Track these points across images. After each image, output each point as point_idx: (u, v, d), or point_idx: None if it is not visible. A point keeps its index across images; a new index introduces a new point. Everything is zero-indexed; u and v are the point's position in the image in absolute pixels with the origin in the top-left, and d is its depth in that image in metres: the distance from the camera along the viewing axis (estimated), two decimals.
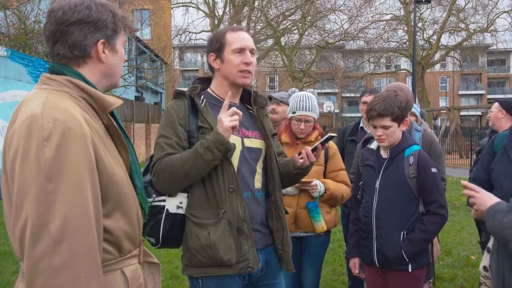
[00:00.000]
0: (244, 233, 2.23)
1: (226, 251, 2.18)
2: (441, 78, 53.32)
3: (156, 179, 2.19)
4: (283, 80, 37.24)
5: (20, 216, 1.30)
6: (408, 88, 3.39)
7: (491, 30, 31.26)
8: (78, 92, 1.48)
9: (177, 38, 31.41)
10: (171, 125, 2.24)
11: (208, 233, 2.18)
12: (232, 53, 2.27)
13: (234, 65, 2.27)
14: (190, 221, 2.22)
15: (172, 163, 2.15)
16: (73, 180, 1.32)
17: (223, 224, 2.20)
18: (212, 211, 2.20)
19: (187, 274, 2.27)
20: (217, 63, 2.32)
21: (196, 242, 2.19)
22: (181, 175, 2.14)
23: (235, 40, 2.28)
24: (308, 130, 3.35)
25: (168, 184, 2.19)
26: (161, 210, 2.20)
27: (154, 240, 2.25)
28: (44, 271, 1.27)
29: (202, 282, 2.23)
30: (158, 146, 2.24)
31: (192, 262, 2.22)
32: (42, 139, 1.31)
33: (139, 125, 20.18)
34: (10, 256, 5.73)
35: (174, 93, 2.35)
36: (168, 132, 2.23)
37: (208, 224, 2.19)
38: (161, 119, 2.32)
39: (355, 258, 3.03)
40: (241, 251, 2.22)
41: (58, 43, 1.50)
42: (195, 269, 2.23)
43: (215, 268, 2.20)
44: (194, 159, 2.12)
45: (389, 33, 31.53)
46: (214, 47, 2.31)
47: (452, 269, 5.50)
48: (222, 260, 2.17)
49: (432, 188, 2.75)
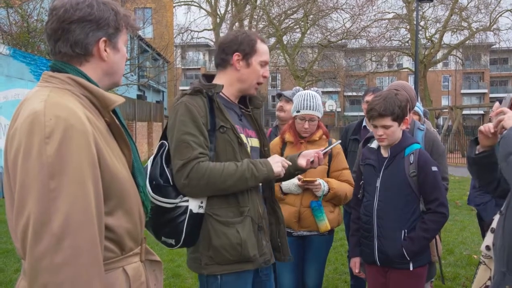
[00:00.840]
0: (263, 229, 2.34)
1: (253, 247, 2.26)
2: (443, 77, 53.26)
3: (187, 182, 2.14)
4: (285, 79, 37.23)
5: (22, 213, 1.31)
6: (411, 87, 3.39)
7: (494, 28, 31.18)
8: (80, 90, 1.48)
9: (179, 36, 31.41)
10: (195, 123, 2.20)
11: (237, 231, 2.22)
12: (259, 63, 2.36)
13: (257, 75, 2.37)
14: (213, 220, 2.22)
15: (213, 174, 2.14)
16: (75, 177, 1.32)
17: (248, 221, 2.27)
18: (232, 209, 2.25)
19: (207, 273, 2.25)
20: (240, 64, 2.35)
21: (225, 240, 2.20)
22: (219, 188, 2.17)
23: (264, 53, 2.38)
24: (312, 129, 3.34)
25: (201, 192, 2.19)
26: (185, 210, 2.19)
27: (174, 241, 2.22)
28: (46, 269, 1.27)
29: (221, 279, 2.24)
30: (185, 144, 2.16)
31: (217, 260, 2.23)
32: (44, 136, 1.31)
33: (141, 124, 20.21)
34: (12, 254, 5.74)
35: (192, 89, 2.29)
36: (193, 130, 2.19)
37: (235, 222, 2.23)
38: (176, 114, 2.24)
39: (355, 258, 3.02)
40: (262, 246, 2.32)
41: (59, 41, 1.50)
42: (218, 266, 2.23)
43: (239, 265, 2.24)
44: (238, 179, 2.17)
45: (391, 31, 31.47)
46: (244, 49, 2.34)
47: (454, 268, 5.49)
48: (249, 256, 2.24)
49: (432, 186, 2.75)
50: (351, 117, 50.83)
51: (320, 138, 3.38)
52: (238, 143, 2.30)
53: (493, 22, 30.88)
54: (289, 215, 3.26)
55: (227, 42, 2.37)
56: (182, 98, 2.28)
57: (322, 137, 3.39)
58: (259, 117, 2.53)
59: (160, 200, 2.15)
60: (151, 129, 21.52)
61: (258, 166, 2.22)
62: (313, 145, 3.35)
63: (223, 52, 2.37)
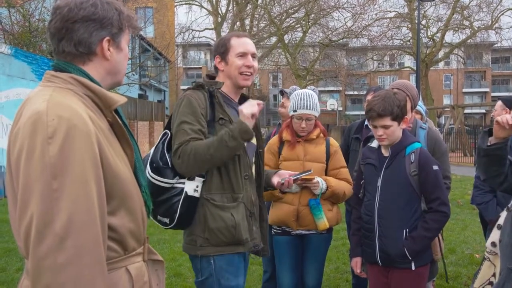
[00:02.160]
0: (254, 216, 2.55)
1: (245, 231, 2.46)
2: (445, 76, 53.23)
3: (180, 161, 2.33)
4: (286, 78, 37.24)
5: (25, 213, 1.31)
6: (413, 86, 3.38)
7: (496, 27, 31.12)
8: (83, 90, 1.48)
9: (180, 36, 31.43)
10: (194, 113, 2.40)
11: (232, 215, 2.41)
12: (235, 57, 2.52)
13: (236, 67, 2.52)
14: (210, 203, 2.41)
15: (197, 147, 2.31)
16: (78, 177, 1.32)
17: (241, 207, 2.47)
18: (227, 195, 2.44)
19: (201, 254, 2.41)
20: (222, 65, 2.56)
21: (221, 223, 2.39)
22: (204, 159, 2.31)
23: (239, 45, 2.53)
24: (309, 128, 3.34)
25: (191, 167, 2.33)
26: (180, 191, 2.38)
27: (169, 220, 2.41)
28: (49, 268, 1.27)
29: (214, 261, 2.41)
30: (182, 131, 2.37)
31: (212, 242, 2.40)
32: (47, 136, 1.31)
33: (142, 123, 20.22)
34: (14, 253, 5.76)
35: (194, 84, 2.52)
36: (191, 119, 2.39)
37: (230, 207, 2.42)
38: (179, 106, 2.45)
39: (357, 257, 3.02)
40: (252, 231, 2.52)
41: (63, 40, 1.50)
42: (212, 248, 2.41)
43: (232, 247, 2.43)
44: (219, 145, 2.31)
45: (392, 30, 31.44)
46: (220, 51, 2.56)
47: (456, 267, 5.49)
48: (241, 239, 2.44)
49: (433, 185, 2.75)
50: (352, 116, 50.79)
51: (318, 136, 3.38)
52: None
53: (495, 21, 30.82)
54: (288, 214, 3.27)
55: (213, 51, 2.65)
56: (186, 92, 2.51)
57: (320, 135, 3.39)
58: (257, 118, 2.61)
59: (157, 179, 2.36)
60: (153, 128, 21.52)
61: (232, 127, 2.35)
62: (310, 143, 3.36)
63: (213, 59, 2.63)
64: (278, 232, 3.42)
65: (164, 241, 6.47)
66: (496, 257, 2.30)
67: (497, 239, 2.29)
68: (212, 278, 2.42)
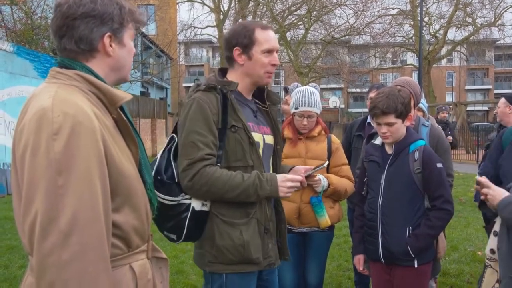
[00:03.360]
0: (269, 232, 2.32)
1: (256, 250, 2.23)
2: (447, 73, 53.09)
3: (190, 184, 2.12)
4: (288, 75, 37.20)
5: (30, 210, 1.31)
6: (416, 83, 3.37)
7: (499, 24, 31.05)
8: (88, 86, 1.47)
9: (182, 33, 31.42)
10: (205, 121, 2.16)
11: (240, 233, 2.20)
12: (261, 53, 2.26)
13: (262, 65, 2.27)
14: (219, 219, 2.21)
15: (216, 183, 2.12)
16: (83, 174, 1.32)
17: (253, 223, 2.24)
18: (240, 210, 2.22)
19: (210, 271, 2.26)
20: (242, 58, 2.28)
21: (228, 241, 2.19)
22: (220, 198, 2.16)
23: (265, 40, 2.26)
24: (311, 125, 3.33)
25: (202, 197, 2.17)
26: (187, 207, 2.17)
27: (176, 237, 2.24)
28: (53, 265, 1.28)
29: (226, 278, 2.23)
30: (192, 144, 2.13)
31: (219, 259, 2.22)
32: (52, 132, 1.31)
33: (144, 121, 20.24)
34: (18, 250, 5.77)
35: (206, 85, 2.23)
36: (202, 129, 2.15)
37: (240, 223, 2.21)
38: (188, 111, 2.19)
39: (359, 255, 3.01)
40: (267, 249, 2.29)
41: (64, 38, 1.50)
42: (221, 265, 2.23)
43: (242, 265, 2.23)
44: (241, 193, 2.14)
45: (395, 27, 31.40)
46: (242, 42, 2.25)
47: (459, 264, 5.48)
48: (251, 259, 2.22)
49: (437, 183, 2.74)
50: (354, 113, 50.69)
51: (319, 134, 3.37)
52: (249, 143, 2.25)
53: (497, 18, 30.73)
54: (289, 211, 3.26)
55: (227, 38, 2.32)
56: (196, 94, 2.23)
57: (321, 133, 3.38)
58: (275, 113, 2.47)
59: (162, 198, 2.14)
60: (155, 126, 21.54)
61: (263, 184, 2.17)
62: (312, 141, 3.35)
63: (226, 49, 2.33)
64: None
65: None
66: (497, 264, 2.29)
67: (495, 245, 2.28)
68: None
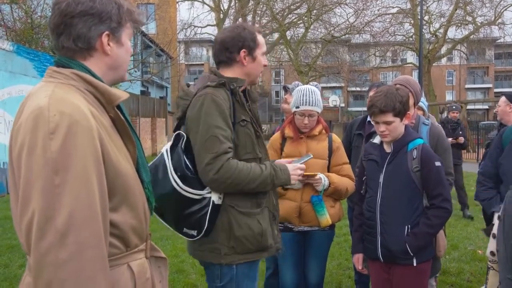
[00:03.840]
0: (276, 219, 2.49)
1: (270, 237, 2.39)
2: (447, 71, 53.04)
3: (217, 178, 2.18)
4: (288, 74, 37.19)
5: (26, 209, 1.30)
6: (416, 81, 3.37)
7: (499, 23, 30.99)
8: (85, 85, 1.47)
9: (182, 32, 31.42)
10: (222, 115, 2.23)
11: (258, 222, 2.32)
12: (261, 55, 2.45)
13: (261, 65, 2.47)
14: (235, 211, 2.29)
15: (240, 175, 2.22)
16: (80, 173, 1.31)
17: (266, 212, 2.39)
18: (253, 200, 2.34)
19: (226, 262, 2.31)
20: (247, 60, 2.39)
21: (247, 231, 2.29)
22: (241, 189, 2.26)
23: (263, 44, 2.47)
24: (312, 124, 3.33)
25: (225, 189, 2.25)
26: (208, 202, 2.24)
27: (196, 232, 2.27)
28: (50, 265, 1.27)
29: (236, 269, 2.32)
30: (214, 138, 2.19)
31: (238, 250, 2.30)
32: (49, 132, 1.30)
33: (144, 120, 20.23)
34: (17, 249, 5.77)
35: (217, 82, 2.31)
36: (221, 123, 2.22)
37: (255, 213, 2.33)
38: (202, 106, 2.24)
39: (358, 254, 3.01)
40: (275, 236, 2.46)
41: (62, 36, 1.49)
42: (237, 256, 2.31)
43: (257, 253, 2.36)
44: (260, 184, 2.28)
45: (395, 26, 31.37)
46: (250, 45, 2.38)
47: (459, 263, 5.48)
48: (266, 246, 2.37)
49: (436, 181, 2.74)
50: (354, 112, 50.70)
51: (320, 133, 3.36)
52: (256, 135, 2.39)
53: (498, 16, 30.68)
54: (290, 210, 3.26)
55: (231, 40, 2.38)
56: (206, 90, 2.28)
57: (322, 132, 3.38)
58: (256, 110, 2.58)
59: (189, 192, 2.20)
60: (155, 125, 21.53)
61: (278, 174, 2.34)
62: (313, 140, 3.34)
63: (227, 50, 2.38)
64: (280, 229, 3.41)
65: (167, 237, 6.48)
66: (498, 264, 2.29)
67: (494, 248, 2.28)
68: (231, 284, 2.33)
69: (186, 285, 4.71)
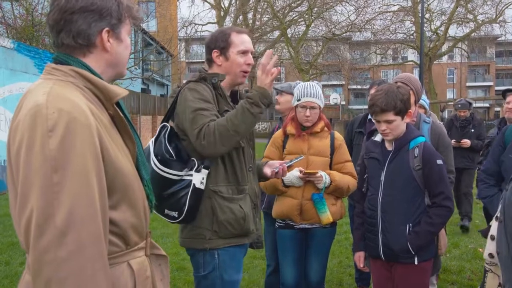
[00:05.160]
0: (257, 207, 2.59)
1: (252, 222, 2.50)
2: (448, 69, 52.98)
3: (205, 142, 2.28)
4: (289, 72, 37.11)
5: (25, 207, 1.29)
6: (417, 79, 3.36)
7: (500, 21, 30.94)
8: (84, 82, 1.46)
9: (183, 30, 31.37)
10: (204, 99, 2.37)
11: (240, 207, 2.43)
12: (237, 54, 2.51)
13: (238, 64, 2.52)
14: (218, 195, 2.41)
15: (220, 123, 2.28)
16: (79, 171, 1.30)
17: (248, 198, 2.51)
18: (232, 187, 2.45)
19: (210, 247, 2.41)
20: (220, 60, 2.53)
21: (230, 215, 2.41)
22: (230, 134, 2.28)
23: (240, 42, 2.52)
24: (314, 117, 3.31)
25: (219, 145, 2.29)
26: (188, 184, 2.34)
27: (177, 214, 2.36)
28: (50, 263, 1.26)
29: (218, 256, 2.42)
30: (200, 115, 2.32)
31: (220, 234, 2.41)
32: (47, 129, 1.29)
33: (145, 117, 20.23)
34: (18, 247, 5.77)
35: (198, 76, 2.46)
36: (205, 106, 2.36)
37: (238, 198, 2.45)
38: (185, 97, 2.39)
39: (360, 252, 3.01)
40: (256, 223, 2.57)
41: (62, 32, 1.48)
42: (221, 240, 2.42)
43: (238, 238, 2.46)
44: (242, 114, 2.28)
45: (396, 24, 31.32)
46: (219, 45, 2.52)
47: (460, 261, 5.48)
48: (249, 230, 2.48)
49: (437, 180, 2.73)
50: (355, 110, 50.63)
51: (322, 130, 3.36)
52: None
53: (499, 14, 30.63)
54: (291, 207, 3.25)
55: (206, 43, 2.58)
56: (188, 85, 2.45)
57: (324, 128, 3.37)
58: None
59: (166, 172, 2.32)
60: (156, 122, 21.52)
61: (249, 94, 2.35)
62: (315, 137, 3.33)
63: (206, 53, 2.59)
64: (281, 226, 3.41)
65: (167, 235, 6.48)
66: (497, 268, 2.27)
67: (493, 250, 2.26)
68: (215, 273, 2.42)
69: (187, 283, 4.71)
